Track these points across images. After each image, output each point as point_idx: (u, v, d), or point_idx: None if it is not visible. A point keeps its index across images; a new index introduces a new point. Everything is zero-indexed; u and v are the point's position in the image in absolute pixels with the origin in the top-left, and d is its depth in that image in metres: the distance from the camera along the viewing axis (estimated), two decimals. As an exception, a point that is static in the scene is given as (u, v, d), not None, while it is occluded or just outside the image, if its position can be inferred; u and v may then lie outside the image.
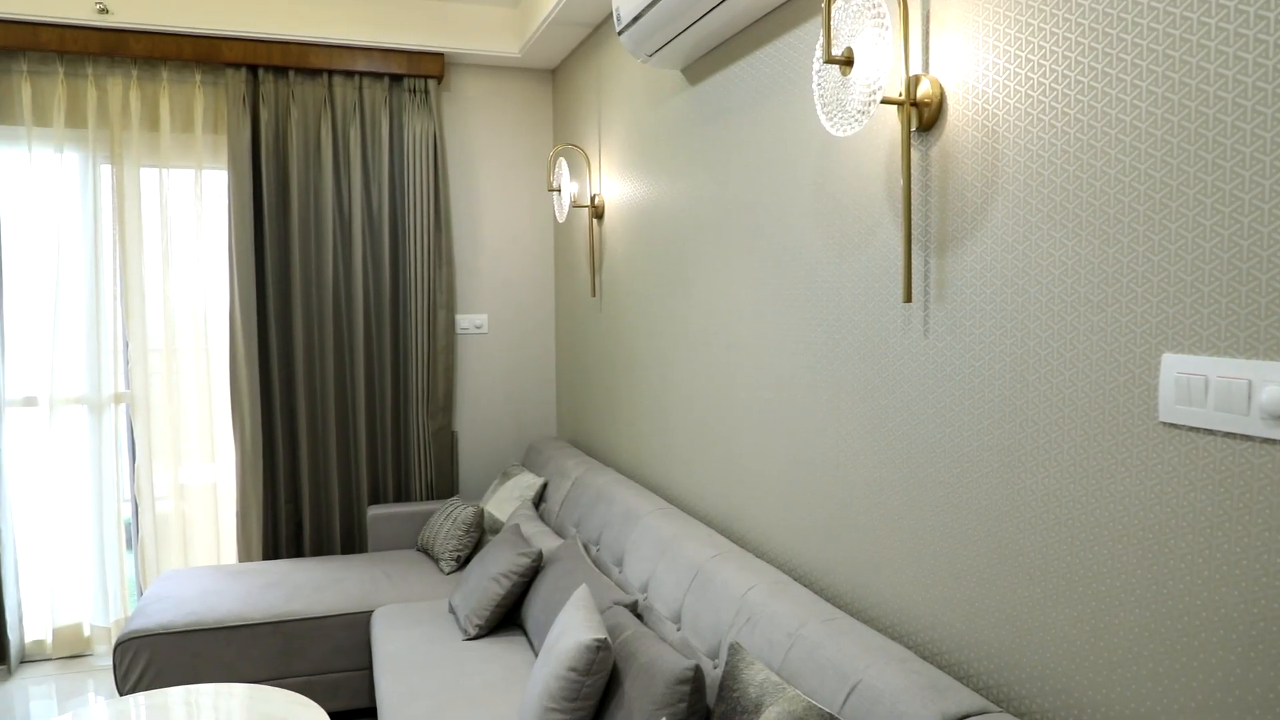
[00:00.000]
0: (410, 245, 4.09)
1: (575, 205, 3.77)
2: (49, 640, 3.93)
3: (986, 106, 1.60)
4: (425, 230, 4.09)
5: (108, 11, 3.63)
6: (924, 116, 1.72)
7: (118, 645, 3.04)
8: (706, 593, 2.23)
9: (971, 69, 1.63)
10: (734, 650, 1.89)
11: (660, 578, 2.48)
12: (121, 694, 3.06)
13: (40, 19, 3.58)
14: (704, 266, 2.78)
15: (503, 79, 4.38)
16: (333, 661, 3.21)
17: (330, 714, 3.24)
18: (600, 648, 2.03)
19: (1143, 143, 1.32)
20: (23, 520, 3.86)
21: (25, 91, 3.73)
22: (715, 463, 2.74)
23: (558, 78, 4.34)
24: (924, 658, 1.82)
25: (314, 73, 3.97)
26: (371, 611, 3.24)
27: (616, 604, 2.41)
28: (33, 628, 3.91)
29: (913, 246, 1.80)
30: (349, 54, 3.95)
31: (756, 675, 1.77)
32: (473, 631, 2.88)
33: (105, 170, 3.84)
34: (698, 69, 2.78)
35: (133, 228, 3.86)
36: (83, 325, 3.83)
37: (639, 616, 2.48)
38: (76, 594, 3.95)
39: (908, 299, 1.76)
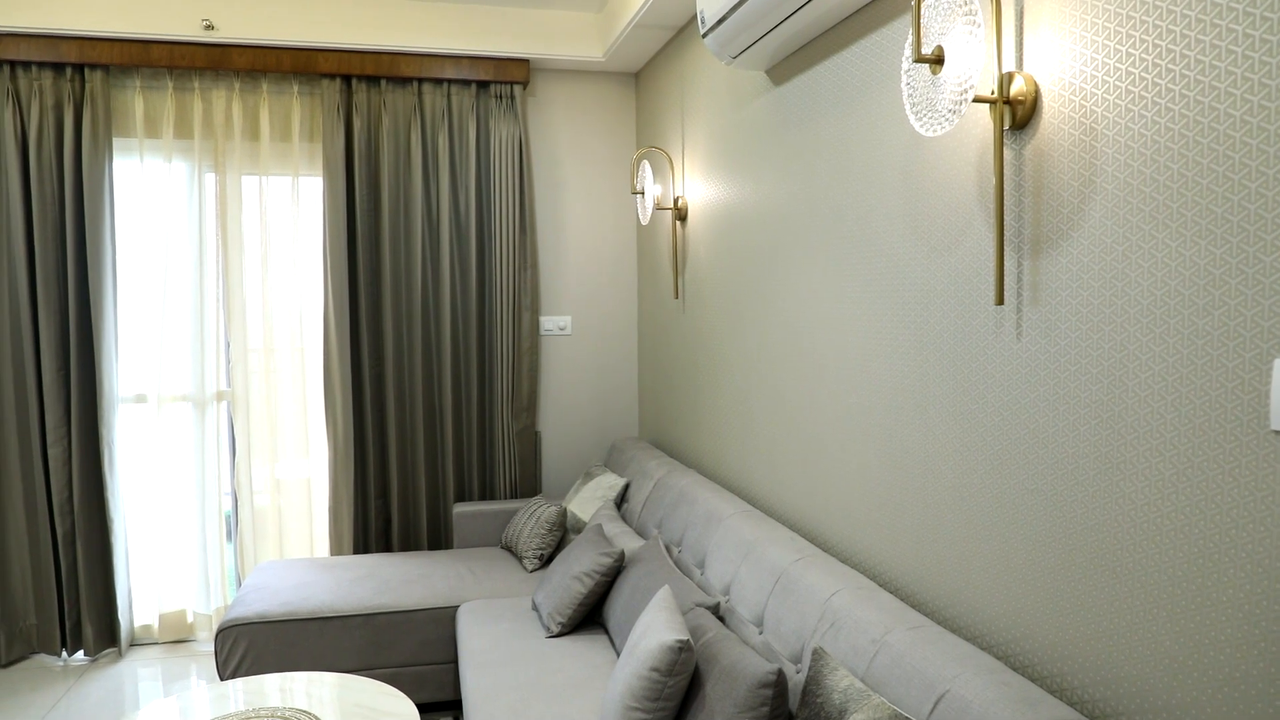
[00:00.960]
0: (496, 248, 4.17)
1: (658, 208, 3.79)
2: (155, 625, 4.13)
3: (1084, 103, 1.56)
4: (511, 233, 4.17)
5: (213, 28, 3.80)
6: (1018, 114, 1.68)
7: (219, 632, 3.18)
8: (790, 597, 2.21)
9: (1068, 65, 1.59)
10: (818, 655, 1.87)
11: (742, 580, 2.47)
12: (223, 678, 3.19)
13: (152, 37, 3.77)
14: (788, 269, 2.76)
15: (587, 83, 4.43)
16: (419, 654, 3.30)
17: (417, 705, 3.33)
18: (683, 649, 2.03)
19: (1254, 138, 1.27)
20: (133, 511, 4.06)
21: (138, 106, 3.93)
22: (798, 465, 2.72)
23: (641, 81, 4.37)
24: (1014, 669, 1.77)
25: (404, 81, 4.08)
26: (457, 607, 3.31)
27: (698, 605, 2.41)
28: (141, 613, 4.12)
29: (1005, 248, 1.76)
30: (438, 62, 4.05)
31: (840, 682, 1.76)
32: (555, 629, 2.92)
33: (210, 179, 4.02)
34: (782, 70, 2.77)
35: (234, 233, 4.03)
36: (188, 326, 4.02)
37: (721, 619, 2.48)
38: (180, 582, 4.14)
39: (1000, 301, 1.72)
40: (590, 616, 3.05)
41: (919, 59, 1.66)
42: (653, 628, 2.14)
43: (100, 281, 3.82)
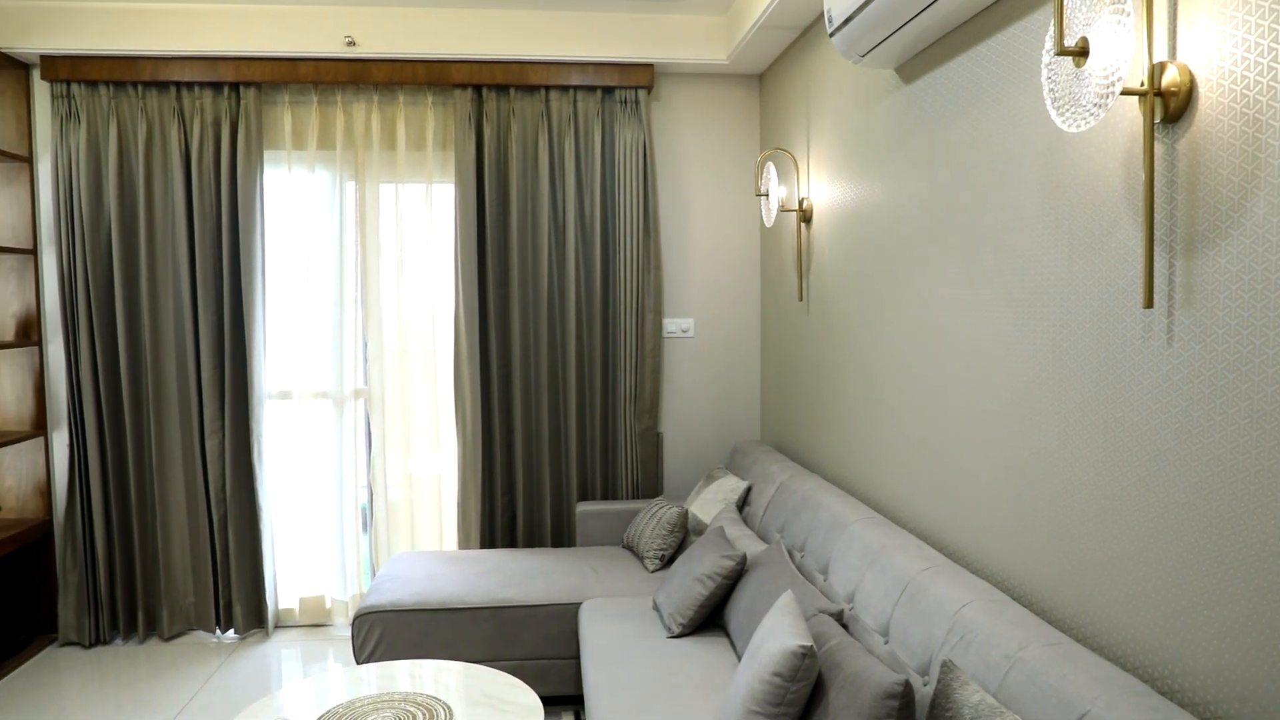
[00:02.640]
0: (620, 251, 4.22)
1: (783, 209, 3.76)
2: (297, 609, 4.37)
3: (1247, 92, 1.46)
4: (635, 236, 4.21)
5: (355, 44, 4.00)
6: (1170, 107, 1.59)
7: (356, 618, 3.34)
8: (917, 606, 2.16)
9: (1229, 52, 1.49)
10: (947, 668, 1.82)
11: (867, 588, 2.42)
12: (358, 662, 3.35)
13: (300, 55, 4.00)
14: (917, 270, 2.69)
15: (710, 86, 4.43)
16: (543, 648, 3.37)
17: (540, 698, 3.40)
18: (806, 655, 2.01)
19: None
20: (278, 501, 4.31)
21: (286, 119, 4.17)
22: (926, 472, 2.65)
23: (765, 82, 4.35)
24: (1162, 693, 1.68)
25: (532, 89, 4.19)
26: (579, 603, 3.37)
27: (822, 612, 2.38)
28: (285, 597, 4.37)
29: (1155, 248, 1.66)
30: (564, 69, 4.14)
31: (971, 696, 1.70)
32: (676, 629, 2.93)
33: (350, 187, 4.23)
34: (912, 67, 2.70)
35: (372, 238, 4.23)
36: (329, 327, 4.24)
37: (845, 626, 2.43)
38: (320, 569, 4.37)
39: (1148, 304, 1.63)
40: (711, 618, 3.05)
41: (1061, 51, 1.60)
42: (775, 632, 2.12)
43: (251, 285, 4.08)
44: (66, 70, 3.96)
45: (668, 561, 3.69)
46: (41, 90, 4.12)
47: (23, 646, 4.07)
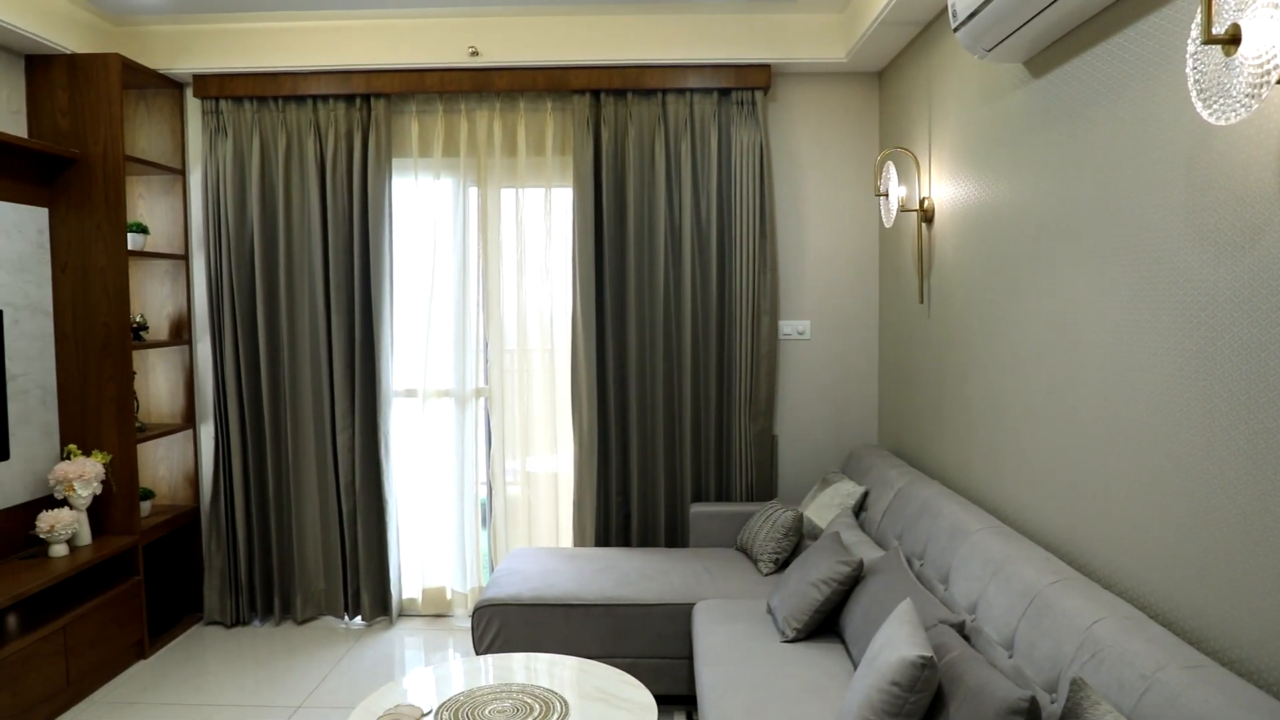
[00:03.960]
0: (736, 253, 4.22)
1: (903, 209, 3.67)
2: (419, 599, 4.54)
3: None
4: (751, 238, 4.20)
5: (478, 54, 4.13)
6: (1332, 96, 1.48)
7: (475, 610, 3.44)
8: (1044, 621, 2.08)
9: (1400, 36, 1.38)
10: (1077, 686, 1.75)
11: (990, 600, 2.35)
12: (478, 653, 3.46)
13: (426, 66, 4.16)
14: (1047, 270, 2.59)
15: (828, 85, 4.37)
16: (655, 647, 3.40)
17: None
18: (926, 665, 1.97)
19: None
20: (403, 494, 4.49)
21: (413, 128, 4.34)
22: (1054, 481, 2.54)
23: (884, 80, 4.26)
24: (1319, 724, 1.56)
25: (649, 93, 4.23)
26: (693, 604, 3.39)
27: (942, 622, 2.32)
28: (408, 587, 4.54)
29: (1313, 246, 1.55)
30: (680, 72, 4.16)
31: (1104, 717, 1.63)
32: (790, 634, 2.91)
33: (473, 192, 4.37)
34: (1041, 61, 2.60)
35: (493, 242, 4.35)
36: (451, 328, 4.39)
37: (966, 638, 2.37)
38: (441, 561, 4.53)
39: (1306, 307, 1.53)
40: (826, 624, 3.01)
41: (1209, 40, 1.51)
42: (893, 641, 2.08)
43: (380, 288, 4.26)
44: (215, 88, 4.24)
45: (782, 565, 3.66)
46: (194, 107, 4.41)
47: (173, 624, 4.37)
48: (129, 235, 4.03)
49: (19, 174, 3.80)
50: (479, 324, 4.41)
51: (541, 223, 4.35)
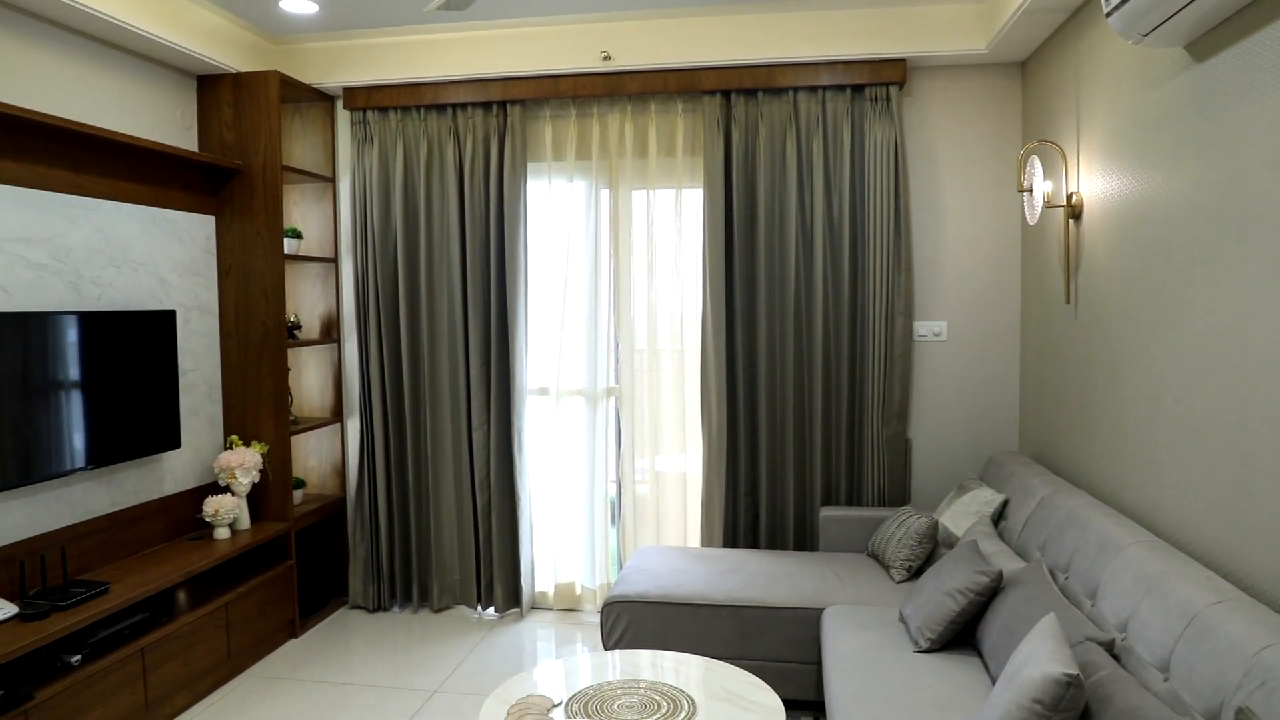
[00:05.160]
0: (869, 252, 4.12)
1: (1048, 205, 3.51)
2: (550, 594, 4.64)
3: None
4: (885, 237, 4.10)
5: (610, 58, 4.19)
6: None
7: (604, 606, 3.50)
8: (1205, 643, 1.94)
9: None
10: (1243, 715, 1.63)
11: (1143, 618, 2.21)
12: (606, 648, 3.51)
13: (560, 72, 4.25)
14: (1211, 271, 2.42)
15: (966, 78, 4.22)
16: (782, 651, 3.36)
17: (780, 701, 3.40)
18: (1071, 684, 1.87)
19: None
20: (535, 490, 4.60)
21: (547, 133, 4.45)
22: (1216, 493, 2.37)
23: (1028, 71, 4.07)
24: None
25: (780, 91, 4.19)
26: (822, 609, 3.33)
27: (1089, 640, 2.20)
28: (539, 581, 4.65)
29: None
30: (813, 70, 4.10)
31: (1274, 749, 1.51)
32: (924, 644, 2.82)
33: (604, 194, 4.44)
34: (1206, 43, 2.43)
35: (624, 243, 4.41)
36: (583, 328, 4.47)
37: (1115, 657, 2.24)
38: (571, 557, 4.62)
39: None
40: (961, 636, 2.91)
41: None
42: (1036, 657, 1.99)
43: (515, 289, 4.38)
44: (363, 99, 4.46)
45: (915, 573, 3.56)
46: (343, 118, 4.66)
47: (320, 606, 4.63)
48: (285, 240, 4.29)
49: (190, 185, 4.10)
50: (610, 324, 4.48)
51: (672, 223, 4.38)
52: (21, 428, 3.10)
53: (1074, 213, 3.42)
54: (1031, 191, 3.55)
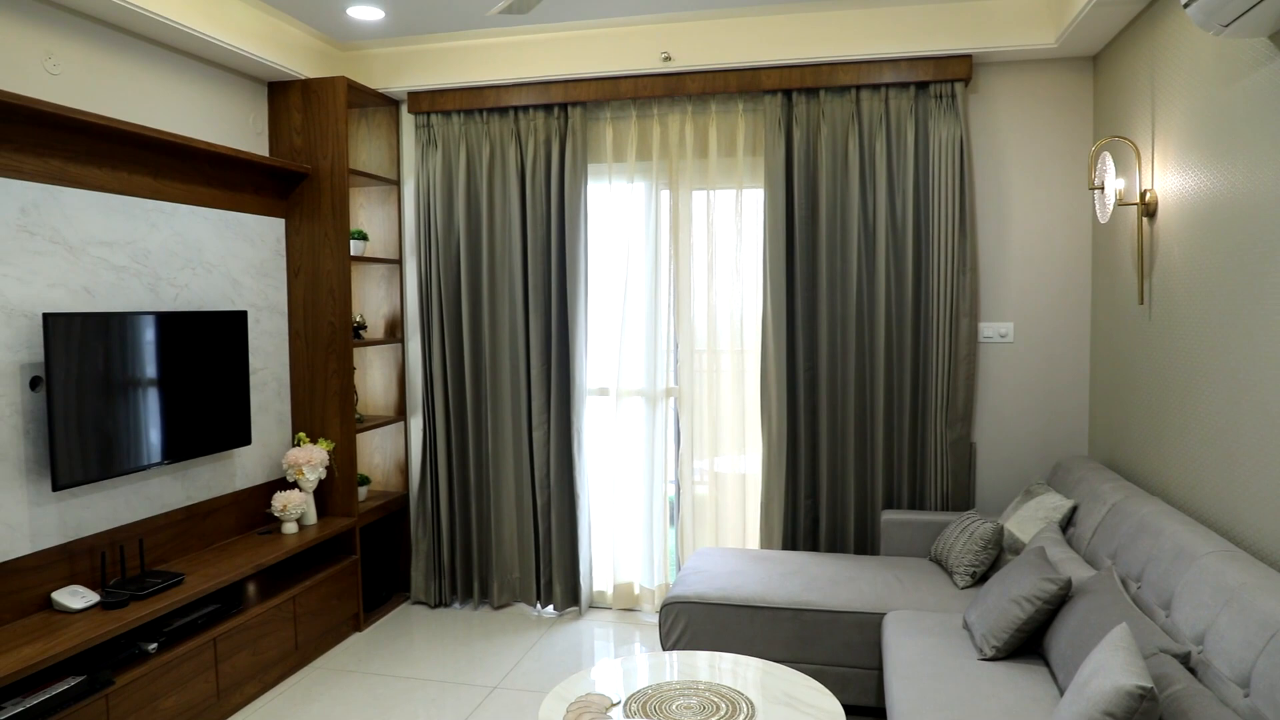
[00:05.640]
0: (933, 252, 4.05)
1: (1120, 204, 3.41)
2: (609, 593, 4.66)
3: None
4: (949, 236, 4.02)
5: (670, 59, 4.19)
6: None
7: (663, 607, 3.50)
8: (1288, 658, 1.87)
9: None
10: (1329, 733, 1.56)
11: (1222, 631, 2.13)
12: (664, 649, 3.51)
13: (620, 73, 4.27)
14: (1294, 269, 2.32)
15: (1034, 73, 4.12)
16: (842, 655, 3.33)
17: (840, 706, 3.36)
18: (1145, 697, 1.82)
19: None
20: (594, 489, 4.63)
21: (608, 134, 4.47)
22: (1302, 504, 2.28)
23: (1099, 65, 3.96)
24: None
25: (842, 90, 4.14)
26: (883, 614, 3.29)
27: (1163, 652, 2.13)
28: (598, 580, 4.68)
29: None
30: (875, 68, 4.05)
31: (1364, 770, 1.45)
32: (989, 652, 2.77)
33: (664, 195, 4.44)
34: (1293, 34, 2.34)
35: (684, 244, 4.41)
36: (643, 328, 4.48)
37: (1191, 671, 2.17)
38: (629, 557, 4.63)
39: None
40: (1028, 644, 2.84)
41: None
42: (1106, 668, 1.94)
43: (575, 289, 4.41)
44: (427, 103, 4.53)
45: (979, 579, 3.49)
46: (407, 122, 4.74)
47: (383, 601, 4.71)
48: (351, 242, 4.38)
49: (261, 189, 4.22)
50: (670, 324, 4.48)
51: (732, 224, 4.36)
52: (103, 423, 3.23)
53: (1148, 211, 3.31)
54: (1103, 189, 3.45)
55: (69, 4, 3.18)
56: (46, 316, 2.99)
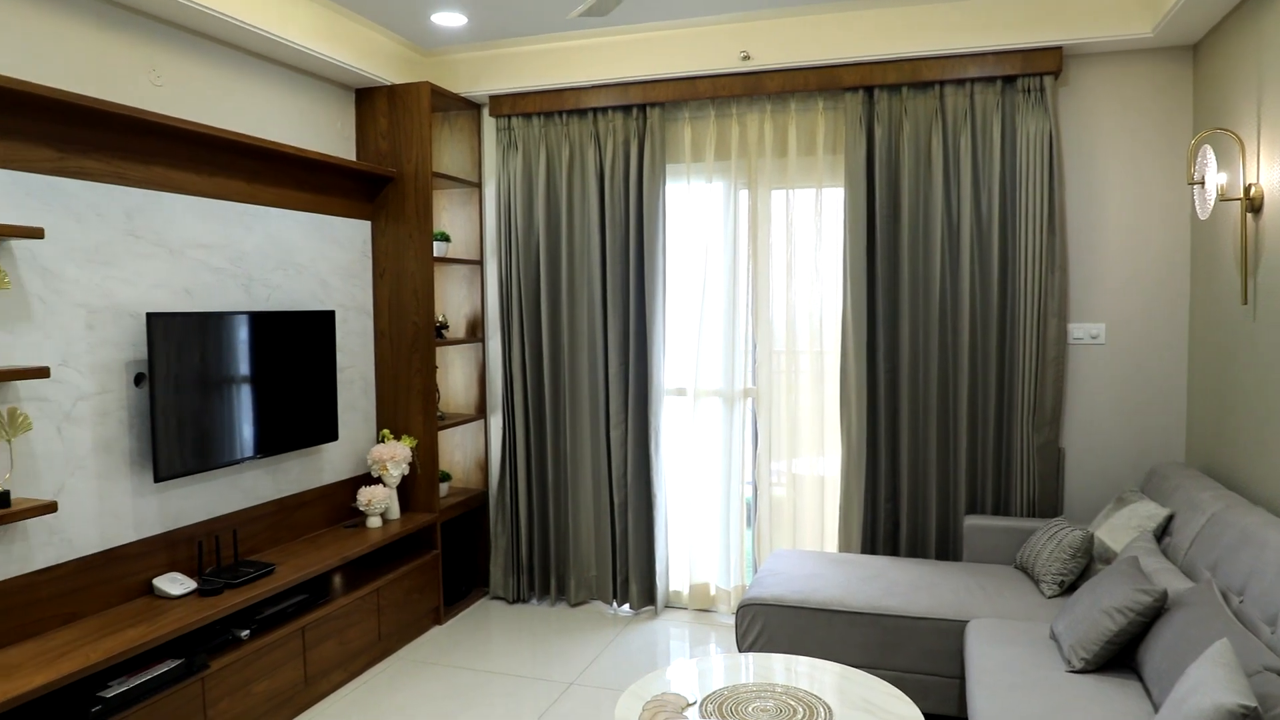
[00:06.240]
0: (1020, 250, 3.94)
1: (1222, 199, 3.26)
2: (685, 593, 4.66)
3: None
4: (1037, 234, 3.90)
5: (749, 58, 4.17)
6: None
7: (740, 608, 3.48)
8: (1406, 679, 1.76)
9: None
10: None
11: (1332, 648, 2.02)
12: (740, 650, 3.49)
13: (699, 73, 4.26)
14: None
15: (1129, 64, 3.97)
16: (922, 663, 3.26)
17: (920, 714, 3.29)
18: (1248, 716, 1.73)
19: None
20: (671, 489, 4.63)
21: (686, 134, 4.47)
22: None
23: (1200, 54, 3.80)
24: None
25: (925, 86, 4.06)
26: (965, 621, 3.21)
27: (1269, 669, 2.03)
28: (674, 579, 4.68)
29: None
30: (960, 62, 3.96)
31: None
32: (1078, 664, 2.68)
33: (743, 195, 4.42)
34: None
35: (762, 244, 4.38)
36: (720, 329, 4.47)
37: (1298, 690, 2.06)
38: (705, 557, 4.62)
39: None
40: (1119, 657, 2.74)
41: None
42: (1206, 685, 1.85)
43: (653, 289, 4.43)
44: (508, 106, 4.60)
45: (1068, 588, 3.38)
46: (489, 125, 4.83)
47: (462, 596, 4.80)
48: (434, 243, 4.48)
49: (349, 192, 4.35)
50: (748, 325, 4.46)
51: (811, 223, 4.31)
52: (200, 418, 3.37)
53: (1253, 206, 3.16)
54: (1203, 184, 3.31)
55: (173, 19, 3.33)
56: (150, 316, 3.13)
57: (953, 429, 4.10)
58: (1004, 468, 4.06)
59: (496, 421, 4.90)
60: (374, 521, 4.20)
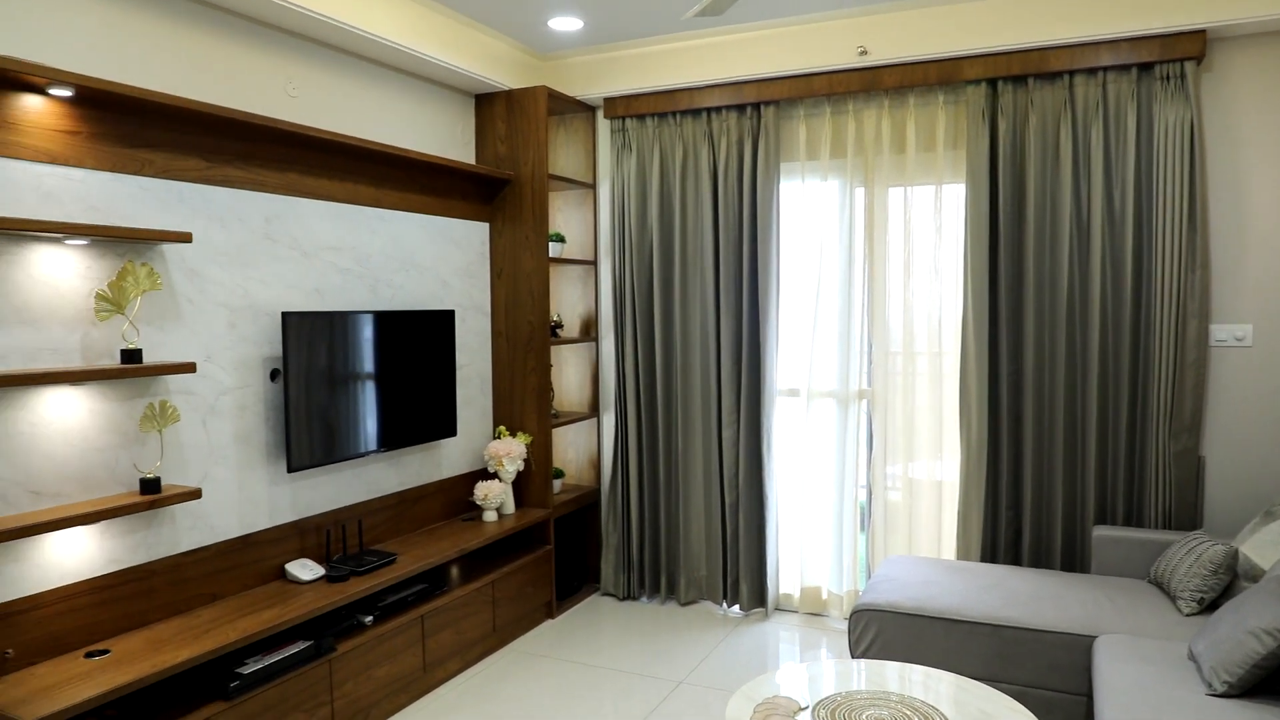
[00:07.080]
0: (1157, 247, 3.72)
1: (1388, 190, 3.00)
2: (796, 596, 4.61)
3: None
4: (1175, 230, 3.68)
5: (866, 53, 4.09)
6: None
7: (853, 614, 3.42)
8: None
9: None
10: None
11: None
12: (853, 656, 3.43)
13: (814, 70, 4.21)
14: None
15: (1278, 46, 3.70)
16: (1046, 678, 3.13)
17: (1043, 731, 3.16)
18: None
19: None
20: (782, 490, 4.59)
21: (801, 132, 4.42)
22: None
23: (1366, 33, 3.51)
24: None
25: (1053, 76, 3.89)
26: (1094, 637, 3.07)
27: None
28: (785, 582, 4.64)
29: None
30: (1092, 50, 3.77)
31: None
32: (1219, 687, 2.52)
33: (859, 192, 4.34)
34: None
35: (879, 242, 4.28)
36: (835, 329, 4.39)
37: None
38: (817, 560, 4.56)
39: None
40: (1267, 682, 2.56)
41: None
42: (1367, 714, 1.71)
43: (766, 289, 4.39)
44: (622, 108, 4.65)
45: (1208, 606, 3.18)
46: (603, 127, 4.89)
47: (574, 591, 4.88)
48: (550, 244, 4.57)
49: (468, 195, 4.48)
50: (863, 325, 4.37)
51: (931, 221, 4.19)
52: (328, 413, 3.53)
53: None
54: (1367, 174, 3.05)
55: (308, 33, 3.51)
56: (284, 315, 3.31)
57: (1080, 434, 3.92)
58: (1137, 476, 3.85)
59: (609, 420, 4.96)
60: (490, 515, 4.32)
